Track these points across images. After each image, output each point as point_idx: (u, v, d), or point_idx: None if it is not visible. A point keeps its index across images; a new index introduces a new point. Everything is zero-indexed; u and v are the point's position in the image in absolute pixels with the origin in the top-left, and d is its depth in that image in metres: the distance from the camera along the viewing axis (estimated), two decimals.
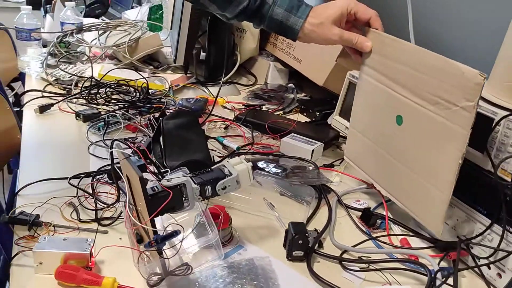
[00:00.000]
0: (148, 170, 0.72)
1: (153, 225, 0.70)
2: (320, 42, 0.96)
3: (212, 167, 0.81)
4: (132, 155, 0.71)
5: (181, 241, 0.68)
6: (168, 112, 1.27)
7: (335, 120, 1.30)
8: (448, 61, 0.76)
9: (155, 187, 0.73)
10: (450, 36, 1.34)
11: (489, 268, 0.80)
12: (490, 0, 1.20)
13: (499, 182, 0.74)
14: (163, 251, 0.69)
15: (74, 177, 0.98)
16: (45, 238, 0.75)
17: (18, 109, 1.41)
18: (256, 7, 0.96)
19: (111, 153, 0.74)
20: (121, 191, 0.85)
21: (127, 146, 0.99)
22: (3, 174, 1.35)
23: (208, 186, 0.77)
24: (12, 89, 2.17)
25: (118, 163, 0.78)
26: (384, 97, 0.92)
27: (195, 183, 0.76)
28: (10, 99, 1.64)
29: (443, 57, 0.78)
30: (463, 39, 1.30)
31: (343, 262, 0.82)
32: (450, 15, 1.34)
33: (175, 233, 0.67)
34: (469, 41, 1.27)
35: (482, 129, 0.78)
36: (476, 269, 0.82)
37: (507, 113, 0.74)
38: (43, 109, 1.29)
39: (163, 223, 0.77)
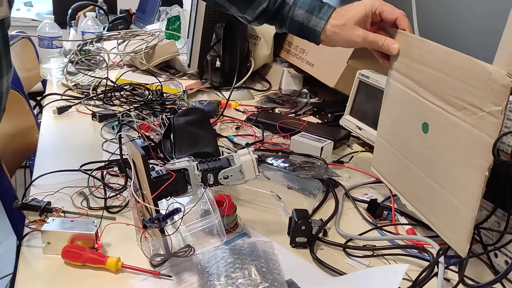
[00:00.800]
0: (152, 154, 0.74)
1: (156, 205, 0.71)
2: (344, 45, 0.91)
3: (220, 157, 0.82)
4: (137, 138, 0.74)
5: (182, 217, 0.69)
6: (180, 111, 1.30)
7: (346, 120, 1.31)
8: (473, 61, 0.71)
9: (159, 171, 0.76)
10: (455, 34, 1.34)
11: (496, 256, 0.79)
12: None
13: (502, 163, 0.73)
14: (165, 230, 0.71)
15: (86, 168, 1.01)
16: (53, 219, 0.77)
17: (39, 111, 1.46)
18: (276, 8, 0.93)
19: (119, 136, 0.77)
20: (129, 179, 0.88)
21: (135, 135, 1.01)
22: (25, 172, 1.39)
23: (210, 174, 0.78)
24: (36, 100, 2.26)
25: (127, 153, 0.81)
26: (411, 103, 0.86)
27: (198, 169, 0.77)
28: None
29: (469, 57, 0.72)
30: (467, 36, 1.29)
31: (347, 249, 0.82)
32: (454, 14, 1.34)
33: (176, 211, 0.69)
34: (472, 38, 1.27)
35: None
36: (484, 258, 0.80)
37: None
38: (61, 110, 1.34)
39: (168, 207, 0.79)
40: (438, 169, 0.79)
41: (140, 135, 0.74)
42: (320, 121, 1.46)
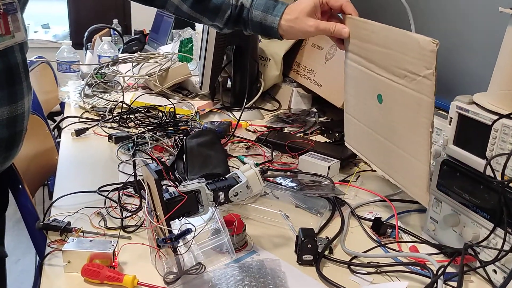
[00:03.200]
0: (164, 176, 0.79)
1: (169, 226, 0.76)
2: (300, 35, 1.02)
3: (226, 176, 0.87)
4: (151, 162, 0.79)
5: (193, 237, 0.74)
6: (192, 132, 1.35)
7: None
8: (406, 33, 0.82)
9: (172, 193, 0.80)
10: (455, 59, 1.37)
11: (496, 272, 0.81)
12: (485, 20, 1.24)
13: (498, 184, 0.77)
14: (177, 249, 0.75)
15: (103, 189, 1.06)
16: (73, 239, 0.82)
17: (57, 133, 1.53)
18: (237, 13, 1.05)
19: (134, 161, 0.82)
20: (143, 199, 0.92)
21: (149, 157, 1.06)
22: (43, 190, 1.45)
23: (221, 193, 0.83)
24: (54, 121, 2.34)
25: (141, 175, 0.86)
26: (366, 78, 0.97)
27: (209, 189, 0.82)
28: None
29: (404, 31, 0.83)
30: (466, 59, 1.33)
31: (351, 266, 0.86)
32: (452, 37, 1.38)
33: (187, 231, 0.73)
34: (472, 63, 1.31)
35: (481, 136, 0.81)
36: (483, 274, 0.83)
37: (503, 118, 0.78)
38: (79, 132, 1.40)
39: (180, 227, 0.83)
40: (395, 133, 0.90)
41: (153, 159, 0.79)
42: (328, 140, 1.50)
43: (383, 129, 0.95)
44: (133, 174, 0.90)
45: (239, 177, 0.86)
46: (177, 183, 0.91)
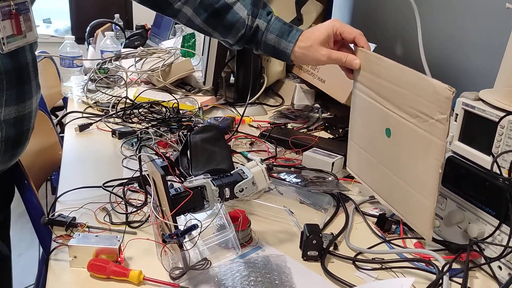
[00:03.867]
0: (170, 171, 0.79)
1: (175, 221, 0.76)
2: (311, 63, 1.03)
3: (232, 172, 0.87)
4: (156, 158, 0.79)
5: (199, 233, 0.74)
6: (196, 128, 1.35)
7: None
8: (421, 76, 0.82)
9: (177, 188, 0.80)
10: (461, 57, 1.37)
11: (501, 268, 0.82)
12: (492, 18, 1.24)
13: (504, 181, 0.77)
14: (183, 244, 0.75)
15: (108, 184, 1.06)
16: (79, 234, 0.83)
17: (61, 129, 1.53)
18: (251, 33, 1.05)
19: (139, 157, 0.82)
20: (148, 195, 0.93)
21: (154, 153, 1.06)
22: (46, 185, 1.45)
23: (226, 188, 0.83)
24: (56, 116, 2.34)
25: (146, 170, 0.86)
26: (374, 111, 0.96)
27: (214, 185, 0.82)
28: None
29: (418, 73, 0.83)
30: (473, 59, 1.33)
31: (356, 262, 0.86)
32: (460, 37, 1.38)
33: (193, 227, 0.73)
34: (478, 61, 1.30)
35: (487, 132, 0.81)
36: (488, 270, 0.84)
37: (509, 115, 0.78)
38: (82, 128, 1.40)
39: (186, 223, 0.83)
40: (402, 168, 0.90)
41: (159, 155, 0.79)
42: (331, 136, 1.50)
43: (389, 162, 0.94)
44: (138, 169, 0.90)
45: (244, 173, 0.86)
46: (182, 179, 0.91)
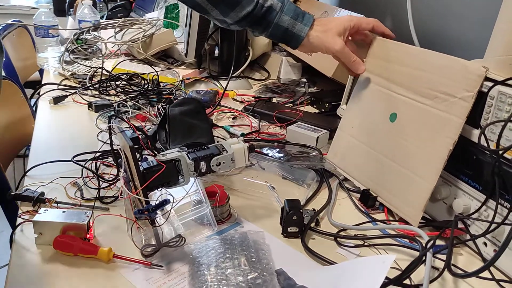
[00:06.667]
0: (142, 144, 0.74)
1: (146, 197, 0.72)
2: (322, 49, 0.98)
3: (209, 145, 0.83)
4: (126, 129, 0.74)
5: (171, 208, 0.70)
6: (175, 101, 1.30)
7: (342, 110, 1.30)
8: (452, 58, 0.83)
9: (150, 161, 0.76)
10: (449, 29, 1.33)
11: (486, 245, 0.79)
12: None
13: (492, 154, 0.73)
14: (155, 220, 0.71)
15: (80, 158, 1.01)
16: (45, 210, 0.78)
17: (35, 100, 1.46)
18: (262, 13, 0.96)
19: (109, 127, 0.77)
20: (120, 169, 0.88)
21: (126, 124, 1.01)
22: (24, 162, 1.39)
23: (203, 162, 0.79)
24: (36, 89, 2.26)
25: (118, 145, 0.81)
26: (381, 98, 0.97)
27: (189, 158, 0.78)
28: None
29: (447, 55, 0.84)
30: (461, 30, 1.29)
31: (338, 239, 0.83)
32: (448, 8, 1.33)
33: (164, 202, 0.69)
34: (467, 32, 1.26)
35: (476, 104, 0.77)
36: (473, 247, 0.81)
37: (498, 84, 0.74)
38: (57, 100, 1.34)
39: (158, 198, 0.79)
40: (402, 152, 0.90)
41: (130, 126, 0.74)
42: (317, 111, 1.46)
43: (388, 148, 0.93)
44: (107, 141, 0.85)
45: (223, 148, 0.81)
46: (156, 152, 0.87)
